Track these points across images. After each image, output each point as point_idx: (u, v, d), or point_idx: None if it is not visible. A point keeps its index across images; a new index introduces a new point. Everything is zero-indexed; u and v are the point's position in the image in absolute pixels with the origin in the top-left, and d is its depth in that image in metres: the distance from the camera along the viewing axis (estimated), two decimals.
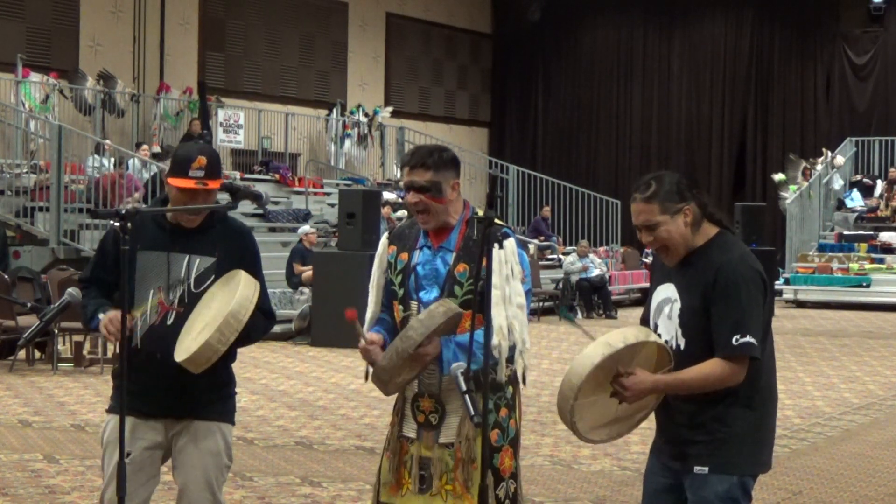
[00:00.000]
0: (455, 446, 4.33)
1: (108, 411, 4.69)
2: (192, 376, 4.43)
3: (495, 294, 4.17)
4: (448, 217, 4.40)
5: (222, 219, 4.62)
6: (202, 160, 4.47)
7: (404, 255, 4.46)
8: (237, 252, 4.56)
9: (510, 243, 4.29)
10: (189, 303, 4.48)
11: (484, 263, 3.99)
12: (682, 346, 4.07)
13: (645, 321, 4.25)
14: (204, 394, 4.54)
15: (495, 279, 4.18)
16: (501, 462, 4.35)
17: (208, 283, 4.50)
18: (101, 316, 4.43)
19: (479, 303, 4.06)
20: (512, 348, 4.27)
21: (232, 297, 4.36)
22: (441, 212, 4.37)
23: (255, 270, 4.55)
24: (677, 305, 4.09)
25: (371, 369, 4.43)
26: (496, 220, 4.08)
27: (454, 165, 4.42)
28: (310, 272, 16.51)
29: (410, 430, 4.42)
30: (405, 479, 4.40)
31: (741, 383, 4.00)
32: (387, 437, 4.53)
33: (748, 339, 3.95)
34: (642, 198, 4.07)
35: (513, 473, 4.38)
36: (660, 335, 4.13)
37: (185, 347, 4.38)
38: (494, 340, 4.14)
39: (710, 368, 3.97)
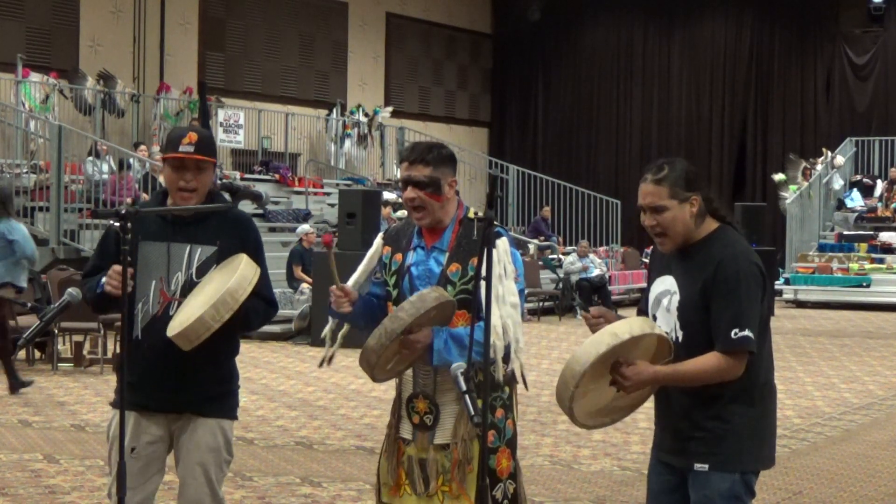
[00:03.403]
0: (451, 448, 4.32)
1: (113, 406, 4.70)
2: (194, 368, 4.44)
3: None
4: (443, 215, 4.39)
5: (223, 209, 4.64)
6: (192, 136, 4.54)
7: (398, 256, 4.45)
8: (238, 240, 4.57)
9: (503, 242, 4.28)
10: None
11: (483, 264, 3.97)
12: (679, 339, 4.07)
13: (642, 312, 4.25)
14: (205, 388, 4.55)
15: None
16: (498, 463, 4.34)
17: (210, 272, 4.51)
18: (104, 279, 4.43)
19: (474, 301, 4.05)
20: (507, 347, 4.26)
21: (231, 276, 4.37)
22: (437, 209, 4.36)
23: (257, 258, 4.55)
24: (676, 298, 4.09)
25: (329, 356, 4.47)
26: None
27: (452, 163, 4.42)
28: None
29: (406, 432, 4.42)
30: (402, 480, 4.40)
31: (740, 379, 4.00)
32: (384, 439, 4.53)
33: (746, 332, 3.95)
34: (653, 179, 4.06)
35: (511, 474, 4.37)
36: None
37: (178, 322, 4.38)
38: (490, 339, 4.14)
39: (709, 361, 3.97)
